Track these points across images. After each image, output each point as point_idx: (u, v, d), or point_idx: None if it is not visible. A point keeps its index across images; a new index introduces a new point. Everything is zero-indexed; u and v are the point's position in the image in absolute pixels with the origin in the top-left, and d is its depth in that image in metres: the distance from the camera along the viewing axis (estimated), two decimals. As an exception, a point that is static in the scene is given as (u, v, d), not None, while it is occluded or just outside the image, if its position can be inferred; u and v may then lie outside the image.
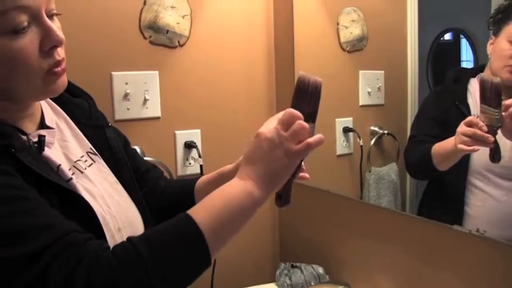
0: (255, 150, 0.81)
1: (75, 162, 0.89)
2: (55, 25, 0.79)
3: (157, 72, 1.54)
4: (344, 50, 1.62)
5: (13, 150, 0.74)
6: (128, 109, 1.50)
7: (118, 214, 0.89)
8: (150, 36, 1.53)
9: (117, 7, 1.48)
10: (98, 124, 1.01)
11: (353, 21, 1.58)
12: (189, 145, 1.57)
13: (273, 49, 1.74)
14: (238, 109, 1.69)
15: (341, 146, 1.64)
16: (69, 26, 1.40)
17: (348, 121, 1.63)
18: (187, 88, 1.59)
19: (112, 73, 1.48)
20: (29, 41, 0.75)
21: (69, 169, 0.86)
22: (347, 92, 1.62)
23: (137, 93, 1.51)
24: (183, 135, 1.59)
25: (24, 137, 0.82)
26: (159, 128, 1.56)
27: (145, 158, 1.48)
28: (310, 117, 0.85)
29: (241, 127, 1.70)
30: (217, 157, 1.60)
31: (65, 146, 0.90)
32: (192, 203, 1.04)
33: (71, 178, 0.83)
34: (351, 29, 1.58)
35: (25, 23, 0.74)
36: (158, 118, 1.55)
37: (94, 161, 0.94)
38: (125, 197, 0.96)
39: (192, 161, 1.59)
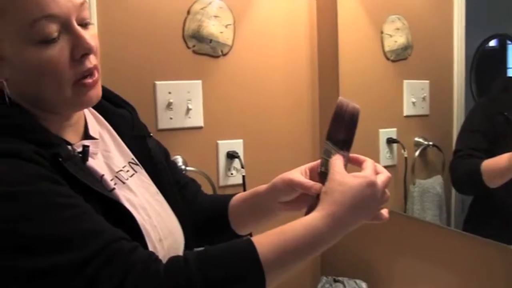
0: (363, 198, 0.82)
1: (117, 172, 0.91)
2: (89, 33, 0.81)
3: (200, 81, 1.59)
4: (388, 59, 1.63)
5: (60, 159, 0.76)
6: (171, 118, 1.56)
7: (159, 224, 0.91)
8: (194, 46, 1.59)
9: (161, 17, 1.54)
10: (140, 134, 1.04)
11: (397, 29, 1.60)
12: (232, 155, 1.61)
13: (316, 59, 1.76)
14: (281, 119, 1.72)
15: (384, 157, 1.65)
16: (113, 36, 1.50)
17: (392, 132, 1.64)
18: (230, 97, 1.63)
19: (156, 82, 1.54)
20: (60, 50, 0.77)
21: (112, 179, 0.88)
22: (391, 102, 1.63)
23: (180, 102, 1.56)
24: (225, 145, 1.63)
25: (69, 147, 0.85)
26: (202, 137, 1.60)
27: (187, 168, 1.54)
28: (345, 144, 0.87)
29: (284, 137, 1.73)
30: (260, 168, 1.65)
31: (108, 156, 0.93)
32: (226, 219, 1.09)
33: (114, 188, 0.85)
34: (396, 38, 1.60)
35: (55, 33, 0.76)
36: (200, 127, 1.60)
37: (136, 172, 0.97)
38: (165, 208, 0.98)
39: (234, 172, 1.63)
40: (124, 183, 0.91)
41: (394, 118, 1.64)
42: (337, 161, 0.87)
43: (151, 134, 1.07)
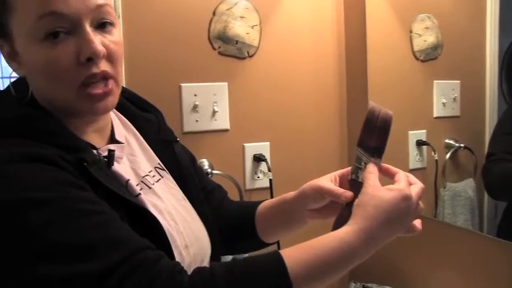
0: (397, 212, 0.81)
1: (143, 177, 0.91)
2: (109, 38, 0.80)
3: (226, 83, 1.58)
4: (417, 59, 1.61)
5: (85, 164, 0.76)
6: (196, 121, 1.56)
7: (185, 231, 0.90)
8: (219, 47, 1.58)
9: (186, 18, 1.53)
10: (166, 139, 1.04)
11: (427, 28, 1.57)
12: (258, 158, 1.60)
13: (343, 60, 1.74)
14: (308, 121, 1.70)
15: (414, 160, 1.63)
16: (138, 38, 1.51)
17: (421, 134, 1.61)
18: (256, 99, 1.62)
19: (181, 84, 1.54)
20: (64, 50, 0.75)
21: (137, 184, 0.88)
22: (421, 103, 1.60)
23: (206, 105, 1.56)
24: (252, 148, 1.62)
25: (94, 151, 0.84)
26: (228, 140, 1.59)
27: (213, 172, 1.54)
28: (377, 151, 0.86)
29: (311, 139, 1.71)
30: (287, 171, 1.64)
31: (134, 160, 0.93)
32: (252, 227, 1.08)
33: (139, 194, 0.85)
34: (425, 37, 1.57)
35: (60, 32, 0.75)
36: (226, 130, 1.59)
37: (162, 177, 0.96)
38: (192, 214, 0.97)
39: (261, 175, 1.62)
40: (150, 188, 0.90)
41: (423, 120, 1.62)
42: (371, 175, 0.85)
43: (178, 139, 1.06)
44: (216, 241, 1.01)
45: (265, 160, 1.60)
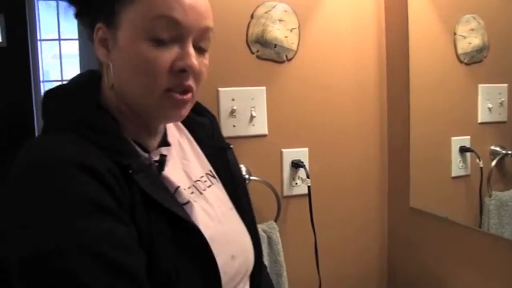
0: None
1: (195, 181, 0.93)
2: (201, 59, 0.84)
3: (264, 88, 1.56)
4: (461, 62, 1.56)
5: (130, 171, 0.77)
6: (234, 126, 1.54)
7: (233, 240, 0.91)
8: (258, 51, 1.56)
9: (224, 22, 1.52)
10: (219, 145, 1.04)
11: (472, 30, 1.53)
12: (297, 164, 1.57)
13: (384, 62, 1.70)
14: (347, 127, 1.67)
15: (457, 167, 1.58)
16: None
17: (465, 140, 1.56)
18: (294, 104, 1.60)
19: (219, 89, 1.52)
20: (164, 55, 0.80)
21: (189, 188, 0.90)
22: (465, 108, 1.56)
23: (244, 109, 1.54)
24: (290, 154, 1.59)
25: (146, 155, 0.87)
26: (266, 146, 1.57)
27: (251, 178, 1.53)
28: None
29: (350, 145, 1.68)
30: (325, 178, 1.62)
31: (187, 164, 0.95)
32: None
33: (188, 201, 0.86)
34: (470, 39, 1.53)
35: (168, 37, 0.79)
36: (264, 135, 1.57)
37: (213, 183, 0.97)
38: (239, 224, 0.98)
39: (299, 181, 1.60)
40: (201, 193, 0.92)
41: (467, 125, 1.57)
42: None
43: (231, 146, 1.06)
44: (260, 254, 1.01)
45: (303, 166, 1.57)
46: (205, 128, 1.05)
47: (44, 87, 4.11)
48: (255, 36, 1.55)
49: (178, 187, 0.86)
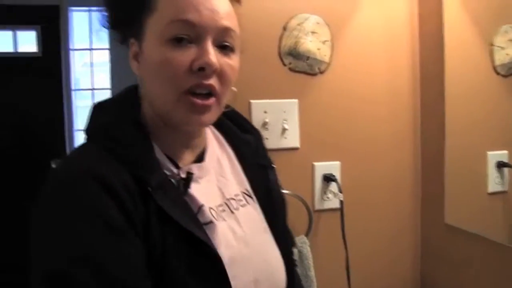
0: None
1: (228, 199, 0.92)
2: (225, 59, 0.84)
3: (296, 100, 1.54)
4: (498, 73, 1.52)
5: (149, 188, 0.77)
6: (266, 138, 1.49)
7: (259, 264, 0.89)
8: (290, 63, 1.55)
9: (256, 34, 1.51)
10: (261, 163, 1.02)
11: (510, 41, 1.49)
12: (328, 178, 1.55)
13: (418, 72, 1.67)
14: (380, 141, 1.64)
15: (493, 182, 1.53)
16: None
17: (502, 155, 1.51)
18: (327, 117, 1.58)
19: (251, 101, 1.51)
20: (182, 55, 0.81)
21: (220, 206, 0.89)
22: (502, 122, 1.51)
23: (276, 122, 1.52)
24: (322, 167, 1.57)
25: (175, 171, 0.86)
26: (297, 159, 1.55)
27: (282, 191, 1.51)
28: None
29: (383, 159, 1.64)
30: (357, 192, 1.59)
31: (222, 182, 0.94)
32: None
33: (211, 221, 0.84)
34: (508, 50, 1.48)
35: (185, 36, 0.81)
36: (296, 148, 1.55)
37: (248, 203, 0.95)
38: (271, 248, 0.95)
39: (330, 195, 1.57)
40: (232, 212, 0.91)
41: (505, 140, 1.52)
42: None
43: (274, 165, 1.04)
44: (293, 279, 0.98)
45: (335, 180, 1.55)
46: (249, 146, 1.03)
47: (75, 95, 4.18)
48: (287, 48, 1.54)
49: (202, 205, 0.85)
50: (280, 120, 1.54)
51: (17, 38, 3.96)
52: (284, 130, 1.54)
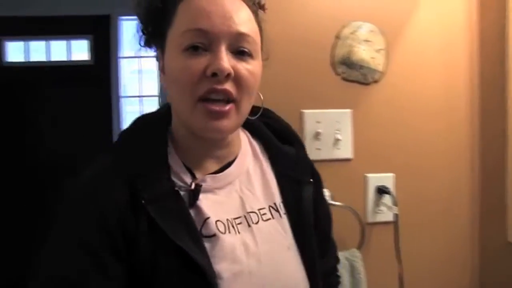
0: None
1: (248, 212, 0.91)
2: (243, 64, 0.85)
3: (349, 110, 1.50)
4: None
5: (142, 201, 0.80)
6: (318, 149, 1.49)
7: (270, 281, 0.87)
8: (343, 72, 1.51)
9: (308, 43, 1.49)
10: (297, 178, 0.98)
11: None
12: (382, 191, 1.50)
13: (477, 83, 1.59)
14: (436, 154, 1.57)
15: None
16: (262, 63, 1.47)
17: None
18: (381, 127, 1.53)
19: (303, 111, 1.48)
20: (197, 62, 0.82)
21: (237, 218, 0.89)
22: None
23: (329, 132, 1.49)
24: (375, 179, 1.52)
25: (188, 182, 0.87)
26: (350, 170, 1.51)
27: (334, 203, 1.47)
28: None
29: (440, 172, 1.58)
30: (411, 206, 1.54)
31: (247, 194, 0.93)
32: None
33: (215, 235, 0.84)
34: None
35: (200, 45, 0.82)
36: (349, 159, 1.51)
37: (273, 218, 0.93)
38: (292, 266, 0.92)
39: (383, 208, 1.51)
40: (250, 226, 0.89)
41: None
42: None
43: (311, 180, 1.00)
44: None
45: (389, 192, 1.50)
46: (287, 158, 1.00)
47: (124, 102, 4.26)
48: (340, 57, 1.50)
49: (208, 218, 0.85)
50: (332, 131, 1.50)
51: (70, 47, 4.07)
52: (336, 140, 1.50)
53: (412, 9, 1.55)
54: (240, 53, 0.85)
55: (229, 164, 0.94)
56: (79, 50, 4.04)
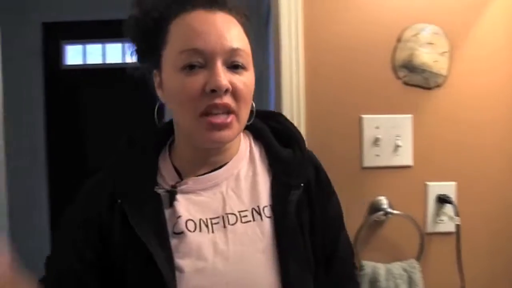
0: None
1: (227, 213, 0.93)
2: (237, 77, 0.89)
3: (410, 116, 1.45)
4: None
5: (119, 201, 0.91)
6: (377, 155, 1.44)
7: (235, 280, 0.89)
8: (404, 76, 1.45)
9: (368, 46, 1.45)
10: (288, 182, 0.96)
11: None
12: (443, 200, 1.43)
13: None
14: (502, 162, 1.49)
15: None
16: (318, 66, 1.45)
17: None
18: (443, 134, 1.46)
19: (362, 116, 1.44)
20: (196, 80, 0.86)
21: (214, 218, 0.92)
22: None
23: (388, 138, 1.44)
24: (436, 188, 1.46)
25: (170, 184, 0.95)
26: (410, 178, 1.46)
27: (392, 211, 1.42)
28: None
29: (505, 182, 1.49)
30: (474, 217, 1.47)
31: (231, 196, 0.95)
32: None
33: (182, 232, 0.90)
34: None
35: (196, 64, 0.87)
36: (409, 167, 1.46)
37: (254, 220, 0.94)
38: (263, 269, 0.91)
39: (444, 218, 1.45)
40: (225, 227, 0.92)
41: None
42: None
43: (302, 184, 0.97)
44: None
45: (450, 202, 1.43)
46: (283, 162, 0.98)
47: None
48: (401, 60, 1.45)
49: (179, 217, 0.91)
50: (392, 137, 1.45)
51: (125, 50, 4.13)
52: (396, 147, 1.44)
53: (479, 9, 1.48)
54: (234, 67, 0.89)
55: (219, 168, 0.97)
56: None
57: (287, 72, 1.44)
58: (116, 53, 3.99)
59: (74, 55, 3.47)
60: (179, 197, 0.93)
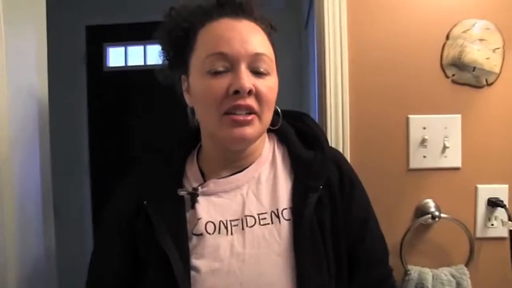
0: None
1: (246, 216, 0.95)
2: (261, 82, 0.93)
3: (459, 115, 1.39)
4: None
5: (145, 202, 0.97)
6: (424, 157, 1.38)
7: (250, 281, 0.90)
8: (453, 75, 1.39)
9: (415, 44, 1.40)
10: (307, 184, 0.97)
11: None
12: (494, 203, 1.36)
13: None
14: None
15: None
16: (364, 66, 1.40)
17: None
18: (494, 134, 1.40)
19: (409, 116, 1.39)
20: (220, 82, 0.91)
21: (235, 220, 0.95)
22: None
23: (436, 139, 1.38)
24: (486, 190, 1.39)
25: (194, 186, 0.98)
26: (458, 180, 1.39)
27: (440, 215, 1.35)
28: None
29: None
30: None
31: (251, 199, 0.97)
32: None
33: (201, 234, 0.94)
34: None
35: (221, 68, 0.92)
36: (457, 168, 1.39)
37: (272, 223, 0.95)
38: (278, 272, 0.91)
39: (495, 222, 1.38)
40: (243, 229, 0.95)
41: None
42: None
43: (321, 187, 0.96)
44: None
45: (502, 205, 1.35)
46: (304, 164, 1.00)
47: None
48: (450, 58, 1.39)
49: (200, 219, 0.96)
50: (440, 137, 1.39)
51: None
52: (444, 148, 1.39)
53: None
54: (258, 72, 0.93)
55: (241, 171, 1.00)
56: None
57: (331, 72, 1.39)
58: (157, 55, 4.01)
59: (116, 57, 3.50)
60: (200, 198, 0.98)
